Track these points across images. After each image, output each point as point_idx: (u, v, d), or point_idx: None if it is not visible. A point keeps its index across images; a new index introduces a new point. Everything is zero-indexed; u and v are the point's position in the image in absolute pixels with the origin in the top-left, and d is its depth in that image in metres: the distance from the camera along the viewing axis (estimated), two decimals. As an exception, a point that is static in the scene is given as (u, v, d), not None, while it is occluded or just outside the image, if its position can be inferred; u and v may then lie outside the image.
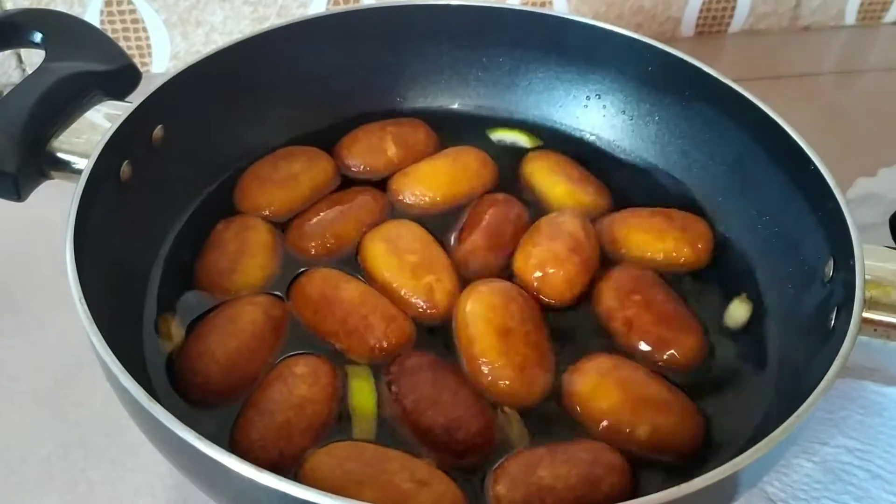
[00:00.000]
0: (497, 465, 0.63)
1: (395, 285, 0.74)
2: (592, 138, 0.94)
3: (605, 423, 0.66)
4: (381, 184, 0.86)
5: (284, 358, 0.69)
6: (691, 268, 0.80)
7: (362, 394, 0.68)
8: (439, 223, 0.82)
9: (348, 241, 0.79)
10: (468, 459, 0.64)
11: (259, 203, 0.81)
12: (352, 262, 0.78)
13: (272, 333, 0.70)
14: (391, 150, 0.87)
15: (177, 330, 0.72)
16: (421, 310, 0.74)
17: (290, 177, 0.83)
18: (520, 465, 0.62)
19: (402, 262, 0.75)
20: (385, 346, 0.70)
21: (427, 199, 0.83)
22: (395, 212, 0.83)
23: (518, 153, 0.91)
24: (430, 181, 0.84)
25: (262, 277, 0.76)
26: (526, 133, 0.94)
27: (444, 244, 0.80)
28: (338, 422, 0.66)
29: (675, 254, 0.80)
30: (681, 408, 0.68)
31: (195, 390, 0.67)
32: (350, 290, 0.73)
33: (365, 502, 0.48)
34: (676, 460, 0.66)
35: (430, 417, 0.65)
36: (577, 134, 0.94)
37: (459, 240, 0.80)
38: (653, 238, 0.81)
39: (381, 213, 0.82)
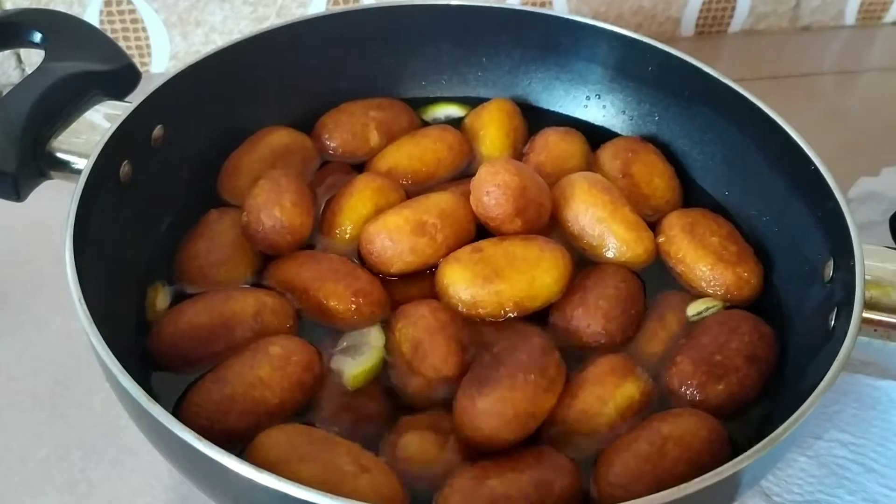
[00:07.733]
0: (444, 487, 0.60)
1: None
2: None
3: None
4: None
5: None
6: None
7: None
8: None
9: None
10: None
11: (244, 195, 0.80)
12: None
13: (255, 337, 0.68)
14: (374, 140, 0.87)
15: (163, 302, 0.72)
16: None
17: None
18: (467, 479, 0.60)
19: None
20: (362, 303, 0.71)
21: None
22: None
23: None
24: (405, 164, 0.84)
25: (252, 272, 0.75)
26: (455, 104, 0.94)
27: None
28: (296, 413, 0.65)
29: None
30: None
31: (150, 346, 0.68)
32: (332, 257, 0.75)
33: (360, 501, 0.49)
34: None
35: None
36: (577, 134, 0.94)
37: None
38: None
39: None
